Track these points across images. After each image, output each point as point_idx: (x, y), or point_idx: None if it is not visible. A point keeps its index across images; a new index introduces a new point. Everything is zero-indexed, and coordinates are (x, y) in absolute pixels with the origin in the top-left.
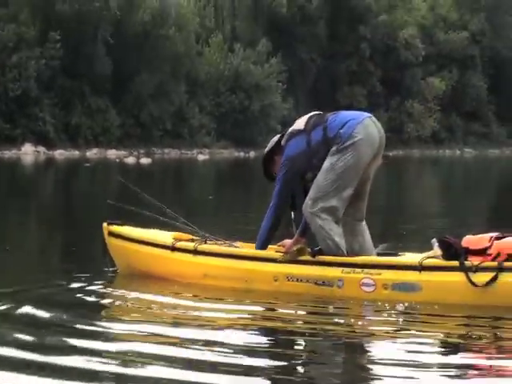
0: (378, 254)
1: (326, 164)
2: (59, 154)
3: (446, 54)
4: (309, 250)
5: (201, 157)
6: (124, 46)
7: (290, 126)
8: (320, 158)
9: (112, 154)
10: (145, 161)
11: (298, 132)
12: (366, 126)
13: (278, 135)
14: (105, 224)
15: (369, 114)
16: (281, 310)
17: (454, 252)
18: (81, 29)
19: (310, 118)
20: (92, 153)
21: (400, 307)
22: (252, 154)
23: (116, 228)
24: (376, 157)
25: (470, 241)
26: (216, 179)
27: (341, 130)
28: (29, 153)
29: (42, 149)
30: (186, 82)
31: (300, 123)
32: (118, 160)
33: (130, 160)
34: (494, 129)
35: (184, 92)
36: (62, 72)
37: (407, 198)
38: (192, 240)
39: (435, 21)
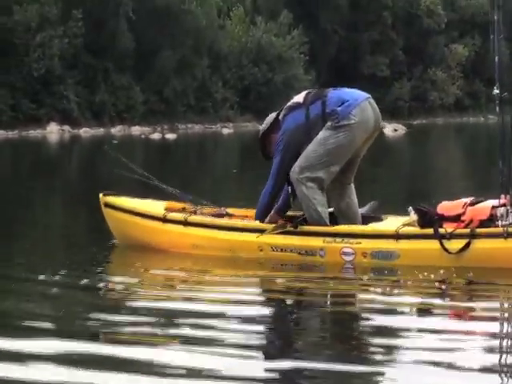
0: (363, 216)
1: (319, 136)
2: (84, 131)
3: (467, 19)
4: (292, 221)
5: (225, 130)
6: (146, 21)
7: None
8: (317, 132)
9: (136, 130)
10: (170, 136)
11: (297, 105)
12: (364, 109)
13: (274, 113)
14: (101, 195)
15: (367, 95)
16: (267, 280)
17: (428, 219)
18: (103, 5)
19: (309, 93)
20: (116, 130)
21: (378, 273)
22: None
23: (111, 199)
24: (370, 138)
25: (444, 207)
26: (240, 153)
27: (338, 108)
28: (54, 132)
29: (66, 127)
30: (209, 56)
31: (299, 97)
32: (143, 136)
33: (156, 136)
34: None
35: (207, 66)
36: (85, 50)
37: (429, 164)
38: (184, 209)
39: None
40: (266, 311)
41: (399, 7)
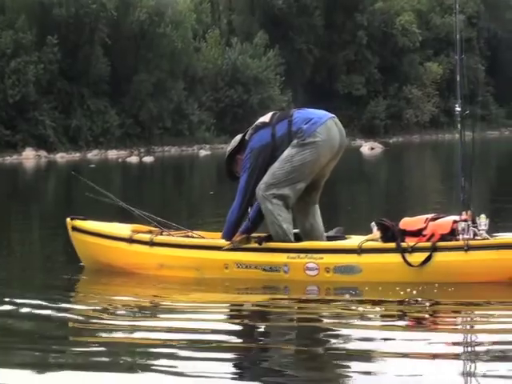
0: (328, 238)
1: (285, 154)
2: (60, 156)
3: (442, 37)
4: (255, 237)
5: (202, 153)
6: (121, 46)
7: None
8: (283, 151)
9: (113, 154)
10: (147, 159)
11: (263, 125)
12: (329, 128)
13: (241, 135)
14: (68, 219)
15: (332, 115)
16: (232, 298)
17: (391, 234)
18: (78, 31)
19: (275, 113)
20: (93, 154)
21: (342, 290)
22: None
23: (78, 222)
24: (334, 157)
25: (406, 223)
26: (217, 174)
27: (304, 126)
28: (30, 157)
29: (43, 153)
30: (184, 78)
31: (265, 117)
32: (120, 160)
33: (133, 159)
34: (493, 110)
35: (182, 89)
36: (61, 75)
37: (404, 182)
38: (150, 232)
39: (431, 5)
40: (232, 338)
41: (374, 27)
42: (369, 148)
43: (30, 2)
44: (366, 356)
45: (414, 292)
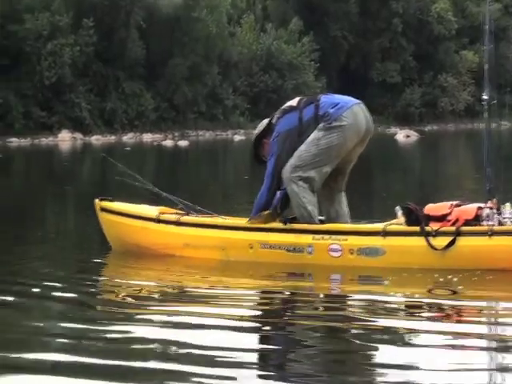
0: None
1: (312, 137)
2: (95, 139)
3: (478, 26)
4: (281, 218)
5: (236, 137)
6: (157, 29)
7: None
8: (310, 135)
9: (148, 137)
10: (182, 143)
11: (291, 109)
12: (355, 113)
13: (267, 119)
14: (96, 200)
15: (358, 101)
16: (257, 281)
17: (415, 218)
18: (113, 14)
19: (302, 98)
20: (128, 137)
21: (366, 273)
22: None
23: (107, 203)
24: (361, 143)
25: (431, 208)
26: (251, 159)
27: (330, 110)
28: (66, 139)
29: (78, 135)
30: (219, 63)
31: (292, 102)
32: (155, 143)
33: (168, 143)
34: None
35: (217, 73)
36: (96, 58)
37: (439, 170)
38: (176, 214)
39: None
40: (255, 323)
41: (409, 14)
42: (404, 136)
43: None
44: (388, 344)
45: (439, 279)
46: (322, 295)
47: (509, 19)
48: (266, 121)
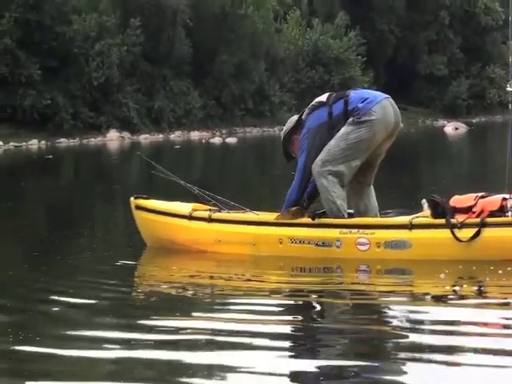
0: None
1: (341, 132)
2: (143, 138)
3: None
4: (309, 213)
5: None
6: (203, 27)
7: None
8: (340, 129)
9: (195, 135)
10: (230, 140)
11: (320, 105)
12: (384, 107)
13: (297, 115)
14: (132, 198)
15: (387, 96)
16: (287, 276)
17: (441, 210)
18: (160, 14)
19: (331, 94)
20: (175, 135)
21: (394, 267)
22: None
23: (141, 201)
24: (390, 137)
25: (456, 200)
26: None
27: (360, 105)
28: (114, 139)
29: (126, 134)
30: (266, 59)
31: (322, 97)
32: (204, 141)
33: (216, 140)
34: None
35: (264, 70)
36: (143, 57)
37: (488, 162)
38: (209, 210)
39: None
40: (288, 318)
41: (456, 6)
42: (453, 128)
43: None
44: (417, 338)
45: (465, 270)
46: (350, 289)
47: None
48: (295, 117)
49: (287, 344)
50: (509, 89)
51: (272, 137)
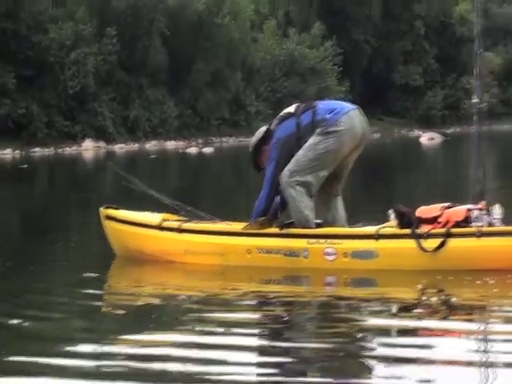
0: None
1: (309, 142)
2: (119, 147)
3: (501, 27)
4: (277, 223)
5: None
6: (179, 36)
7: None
8: (308, 140)
9: (171, 144)
10: (207, 150)
11: (288, 115)
12: (352, 118)
13: (265, 126)
14: (101, 208)
15: (355, 106)
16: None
17: (407, 221)
18: (136, 23)
19: (300, 104)
20: (151, 145)
21: (360, 277)
22: None
23: (111, 211)
24: (357, 148)
25: (422, 210)
26: None
27: (327, 115)
28: (89, 148)
29: (102, 144)
30: (242, 69)
31: (290, 108)
32: (180, 151)
33: (193, 150)
34: None
35: (240, 79)
36: (119, 66)
37: (460, 172)
38: (179, 220)
39: None
40: (257, 328)
41: (432, 16)
42: (428, 138)
43: None
44: (381, 343)
45: (430, 280)
46: (317, 299)
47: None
48: (263, 128)
49: (255, 357)
50: (474, 100)
51: (248, 146)
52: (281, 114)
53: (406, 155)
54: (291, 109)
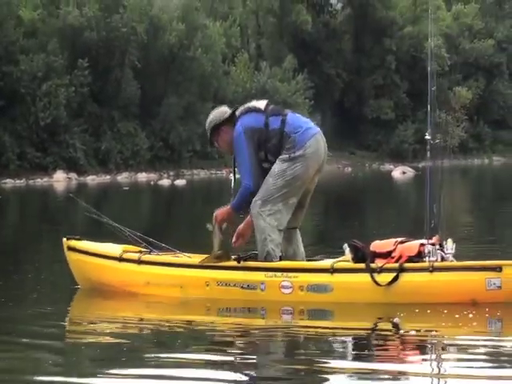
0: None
1: (277, 169)
2: (91, 179)
3: (472, 62)
4: (236, 256)
5: (231, 176)
6: (151, 69)
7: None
8: (273, 145)
9: (142, 177)
10: (179, 182)
11: (257, 110)
12: (317, 141)
13: (227, 108)
14: (64, 239)
15: (318, 129)
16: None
17: (361, 255)
18: (108, 55)
19: (269, 104)
20: (123, 177)
21: (315, 309)
22: None
23: (74, 242)
24: (319, 171)
25: (377, 245)
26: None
27: (295, 135)
28: (60, 180)
29: (73, 175)
30: (214, 102)
31: (259, 103)
32: (152, 183)
33: (165, 182)
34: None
35: None
36: (91, 98)
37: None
38: (140, 252)
39: (460, 30)
40: (214, 358)
41: (403, 51)
42: (400, 172)
43: (62, 25)
44: (334, 373)
45: (383, 313)
46: (273, 332)
47: (502, 55)
48: (226, 109)
49: None
50: (427, 137)
51: (219, 179)
52: (248, 105)
53: (378, 190)
54: (260, 105)
